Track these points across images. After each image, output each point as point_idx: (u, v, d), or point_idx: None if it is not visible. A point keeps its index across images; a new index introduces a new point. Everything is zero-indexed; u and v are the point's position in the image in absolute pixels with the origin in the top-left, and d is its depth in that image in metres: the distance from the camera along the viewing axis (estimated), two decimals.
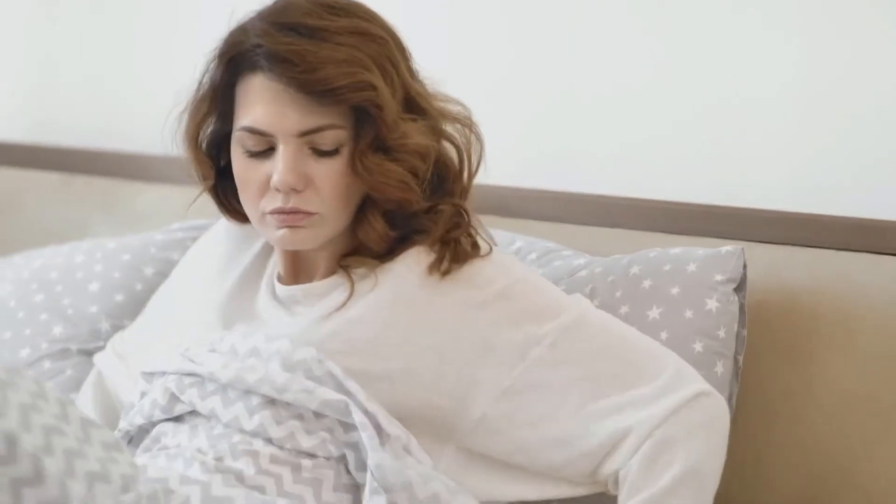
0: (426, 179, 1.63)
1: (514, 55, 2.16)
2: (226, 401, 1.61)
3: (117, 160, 2.54)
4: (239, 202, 1.69)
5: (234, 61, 1.63)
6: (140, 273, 2.07)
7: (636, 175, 2.07)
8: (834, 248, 1.83)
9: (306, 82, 1.58)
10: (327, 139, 1.61)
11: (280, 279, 1.73)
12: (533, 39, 2.16)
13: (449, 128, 1.67)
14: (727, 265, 1.74)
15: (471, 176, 1.69)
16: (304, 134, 1.60)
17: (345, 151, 1.62)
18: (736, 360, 1.75)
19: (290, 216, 1.62)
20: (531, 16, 2.16)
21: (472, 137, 1.68)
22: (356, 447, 1.58)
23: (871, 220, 1.83)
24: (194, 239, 2.20)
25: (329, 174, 1.61)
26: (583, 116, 2.13)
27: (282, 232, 1.64)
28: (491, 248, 1.66)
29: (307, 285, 1.69)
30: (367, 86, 1.58)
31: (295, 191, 1.61)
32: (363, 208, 1.66)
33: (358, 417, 1.56)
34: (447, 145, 1.67)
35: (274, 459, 1.58)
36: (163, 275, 2.04)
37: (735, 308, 1.74)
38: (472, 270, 1.64)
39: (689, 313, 1.73)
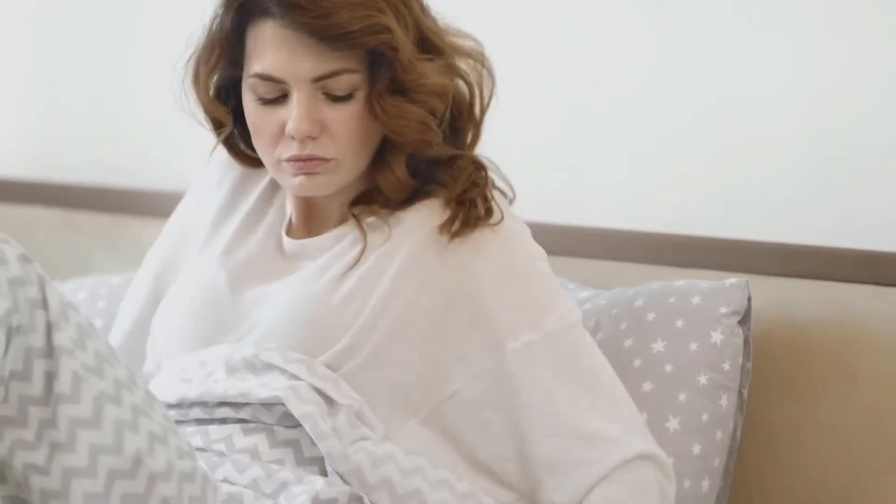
0: (444, 119, 1.61)
1: (511, 87, 2.16)
2: (183, 414, 1.62)
3: (122, 196, 2.53)
4: (250, 148, 1.68)
5: (245, 7, 1.60)
6: None
7: (640, 207, 2.07)
8: (838, 280, 1.82)
9: (320, 28, 1.55)
10: (341, 84, 1.58)
11: (289, 230, 1.70)
12: (532, 69, 2.17)
13: (461, 63, 1.65)
14: (732, 298, 1.74)
15: (483, 111, 1.67)
16: (317, 79, 1.58)
17: (360, 95, 1.60)
18: (741, 393, 1.74)
19: (307, 163, 1.60)
20: (521, 57, 2.17)
21: (484, 73, 1.66)
22: None
23: (875, 252, 1.83)
24: None
25: (344, 119, 1.59)
26: (583, 149, 2.13)
27: (298, 179, 1.61)
28: (502, 217, 1.63)
29: (317, 239, 1.67)
30: (382, 28, 1.56)
31: (311, 138, 1.59)
32: (383, 154, 1.64)
33: (298, 409, 1.55)
34: (459, 82, 1.65)
35: (247, 432, 1.58)
36: None
37: (740, 341, 1.74)
38: (481, 238, 1.62)
39: (693, 346, 1.72)
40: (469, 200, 1.62)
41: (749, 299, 1.75)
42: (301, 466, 1.56)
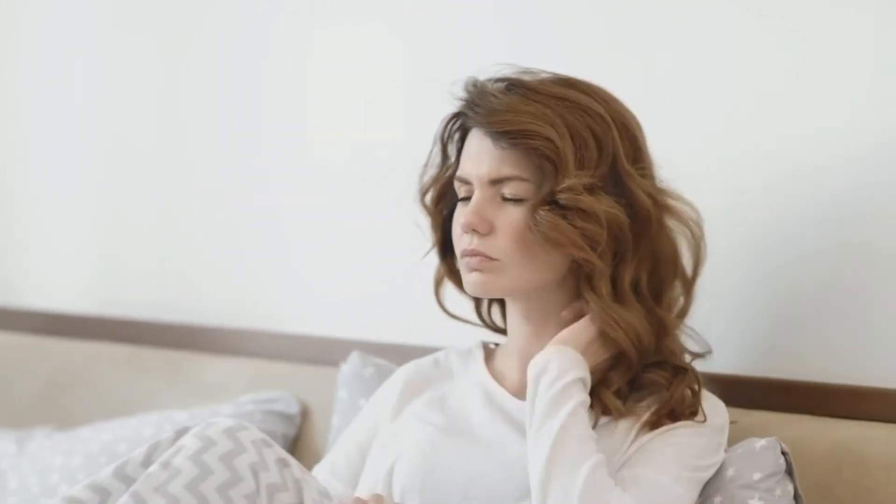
0: (604, 246, 1.68)
1: None
2: None
3: (185, 332, 2.56)
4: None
5: (458, 123, 1.78)
6: None
7: None
8: None
9: (487, 124, 1.70)
10: (513, 188, 1.70)
11: (502, 382, 1.80)
12: None
13: (670, 222, 1.75)
14: (765, 462, 1.71)
15: (693, 276, 1.77)
16: (493, 182, 1.71)
17: (528, 205, 1.70)
18: None
19: (474, 258, 1.72)
20: None
21: (696, 239, 1.76)
22: None
23: None
24: (263, 412, 2.21)
25: (509, 221, 1.70)
26: None
27: (471, 276, 1.73)
28: (705, 419, 1.70)
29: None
30: (540, 136, 1.68)
31: (478, 233, 1.71)
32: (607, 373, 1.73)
33: None
34: (664, 242, 1.74)
35: None
36: None
37: (785, 500, 1.70)
38: (684, 434, 1.69)
39: None
40: (681, 411, 1.70)
41: (785, 453, 1.73)
42: None
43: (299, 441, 2.24)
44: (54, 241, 2.88)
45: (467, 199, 1.74)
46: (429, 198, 1.83)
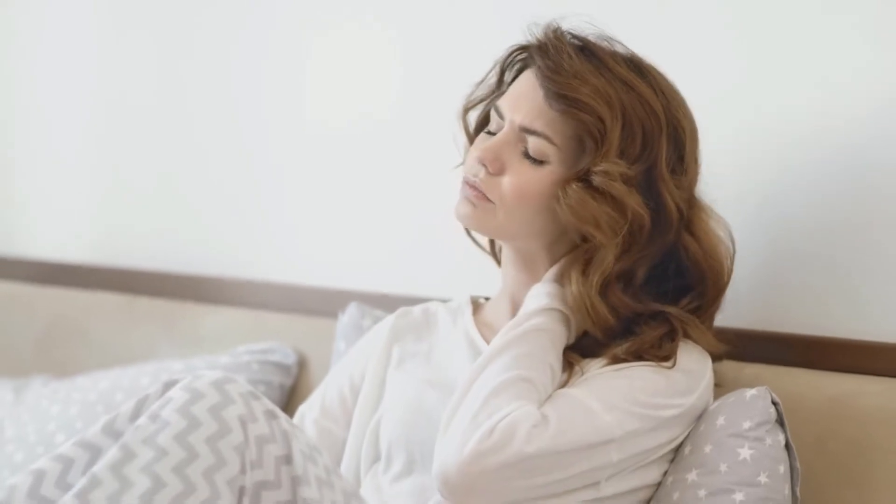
0: (621, 234, 1.67)
1: None
2: None
3: (183, 282, 2.56)
4: None
5: (527, 53, 1.75)
6: None
7: None
8: None
9: (550, 80, 1.67)
10: (537, 146, 1.69)
11: (488, 334, 1.80)
12: None
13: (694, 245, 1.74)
14: (753, 410, 1.71)
15: (719, 290, 1.77)
16: (522, 129, 1.70)
17: (546, 170, 1.70)
18: (793, 492, 1.71)
19: (472, 191, 1.72)
20: None
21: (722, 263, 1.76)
22: None
23: None
24: (260, 362, 2.21)
25: (521, 175, 1.70)
26: None
27: (463, 205, 1.73)
28: (673, 364, 1.69)
29: None
30: (595, 113, 1.66)
31: (485, 169, 1.71)
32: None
33: None
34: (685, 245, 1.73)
35: None
36: None
37: (775, 450, 1.71)
38: (641, 371, 1.68)
39: (723, 467, 1.70)
40: (647, 354, 1.69)
41: (775, 403, 1.73)
42: None
43: (296, 392, 2.25)
44: (53, 190, 2.88)
45: (491, 133, 1.74)
46: (471, 116, 1.83)
